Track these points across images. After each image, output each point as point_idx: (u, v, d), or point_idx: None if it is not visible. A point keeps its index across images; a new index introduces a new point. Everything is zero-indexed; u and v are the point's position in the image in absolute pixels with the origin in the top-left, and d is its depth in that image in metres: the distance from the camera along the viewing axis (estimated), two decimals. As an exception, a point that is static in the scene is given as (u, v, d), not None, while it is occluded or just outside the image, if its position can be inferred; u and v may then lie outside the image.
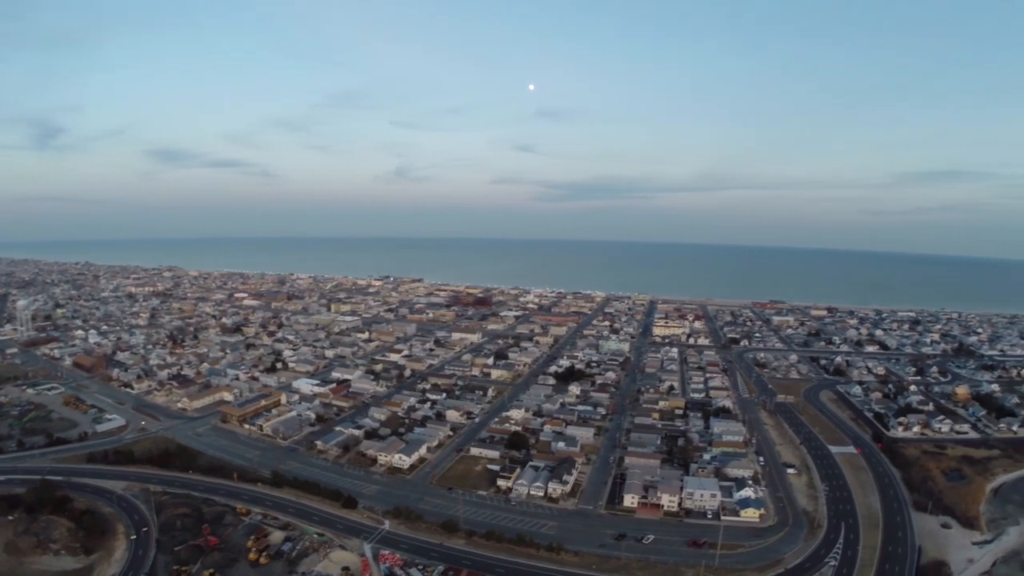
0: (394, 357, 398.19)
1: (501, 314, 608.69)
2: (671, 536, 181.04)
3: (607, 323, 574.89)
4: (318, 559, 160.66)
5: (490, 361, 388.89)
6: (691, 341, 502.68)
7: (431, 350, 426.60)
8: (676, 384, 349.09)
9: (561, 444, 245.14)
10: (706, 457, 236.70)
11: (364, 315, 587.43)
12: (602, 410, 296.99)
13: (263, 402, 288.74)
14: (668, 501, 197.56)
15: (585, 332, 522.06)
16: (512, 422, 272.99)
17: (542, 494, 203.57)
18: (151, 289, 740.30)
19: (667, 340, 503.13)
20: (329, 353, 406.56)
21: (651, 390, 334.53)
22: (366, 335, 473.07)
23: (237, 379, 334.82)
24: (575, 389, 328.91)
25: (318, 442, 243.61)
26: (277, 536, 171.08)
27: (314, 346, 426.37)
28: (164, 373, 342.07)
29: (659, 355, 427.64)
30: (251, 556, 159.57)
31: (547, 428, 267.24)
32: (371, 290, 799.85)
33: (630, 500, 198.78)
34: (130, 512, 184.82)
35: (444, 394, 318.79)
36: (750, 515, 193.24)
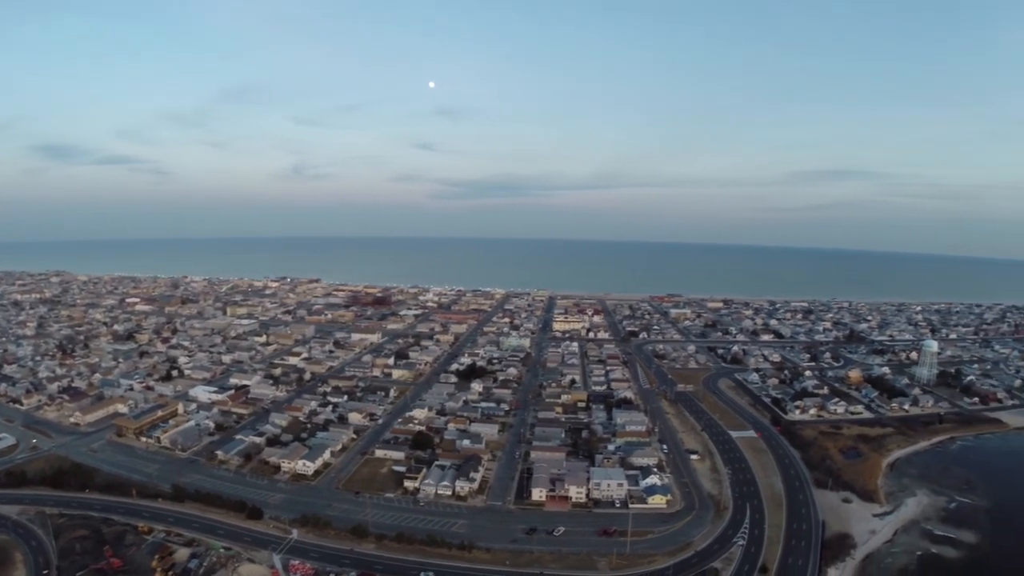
0: (293, 360, 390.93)
1: (401, 313, 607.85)
2: (581, 527, 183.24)
3: (507, 320, 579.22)
4: (226, 575, 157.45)
5: (391, 361, 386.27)
6: (591, 335, 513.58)
7: (331, 352, 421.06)
8: (578, 378, 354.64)
9: (466, 442, 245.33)
10: (611, 448, 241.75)
11: (261, 318, 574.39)
12: (505, 406, 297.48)
13: (159, 413, 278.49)
14: (576, 492, 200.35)
15: (486, 329, 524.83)
16: (416, 422, 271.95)
17: (450, 493, 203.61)
18: (38, 296, 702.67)
19: (567, 335, 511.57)
20: (226, 358, 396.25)
21: (553, 384, 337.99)
22: (264, 338, 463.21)
23: (131, 389, 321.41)
24: (477, 386, 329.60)
25: (219, 452, 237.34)
26: (182, 553, 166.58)
27: (210, 352, 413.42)
28: (54, 386, 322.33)
29: (560, 350, 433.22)
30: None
31: (451, 426, 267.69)
32: (268, 292, 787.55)
33: (538, 494, 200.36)
34: (27, 538, 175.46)
35: (346, 396, 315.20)
36: (657, 502, 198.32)
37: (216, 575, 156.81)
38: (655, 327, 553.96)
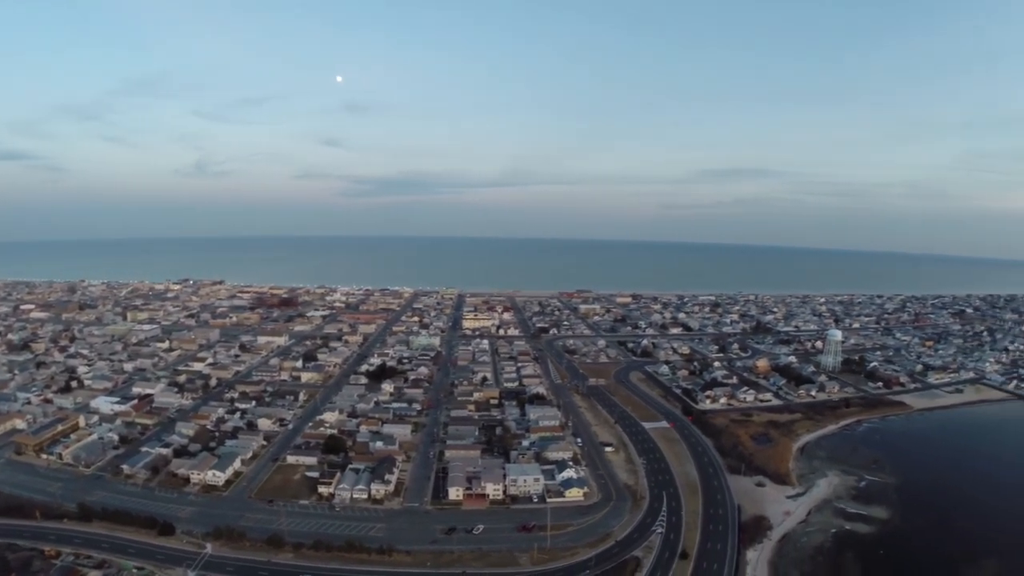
0: (198, 366, 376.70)
1: (308, 314, 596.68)
2: (500, 524, 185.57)
3: (416, 319, 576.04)
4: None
5: (299, 364, 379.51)
6: (501, 332, 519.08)
7: (237, 356, 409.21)
8: (489, 375, 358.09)
9: (379, 444, 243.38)
10: (525, 443, 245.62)
11: (163, 322, 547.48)
12: (417, 406, 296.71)
13: (60, 427, 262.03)
14: (493, 490, 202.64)
15: (395, 329, 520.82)
16: (327, 425, 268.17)
17: (366, 496, 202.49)
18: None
19: (477, 332, 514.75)
20: (128, 366, 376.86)
21: (465, 382, 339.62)
22: (166, 344, 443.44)
23: (29, 403, 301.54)
24: (388, 387, 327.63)
25: (124, 466, 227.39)
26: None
27: (111, 360, 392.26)
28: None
29: (470, 348, 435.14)
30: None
31: (363, 428, 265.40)
32: (170, 295, 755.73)
33: (455, 493, 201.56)
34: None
35: (254, 402, 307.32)
36: (574, 495, 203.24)
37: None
38: (565, 323, 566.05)
